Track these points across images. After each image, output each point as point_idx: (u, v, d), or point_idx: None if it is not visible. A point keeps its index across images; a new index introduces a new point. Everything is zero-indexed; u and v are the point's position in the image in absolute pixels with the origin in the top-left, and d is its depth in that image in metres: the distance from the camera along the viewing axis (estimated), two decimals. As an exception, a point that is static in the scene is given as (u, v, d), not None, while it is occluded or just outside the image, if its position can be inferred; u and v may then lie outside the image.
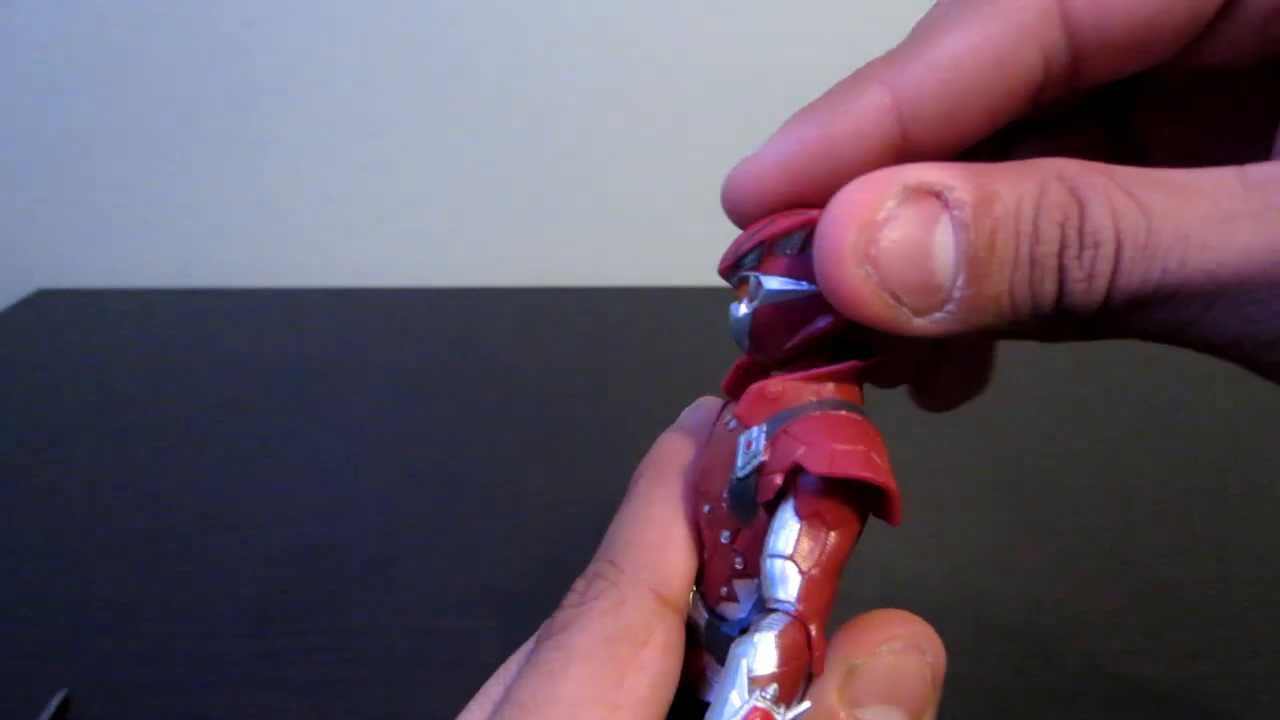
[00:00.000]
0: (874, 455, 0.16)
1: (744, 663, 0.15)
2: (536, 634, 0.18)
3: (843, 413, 0.17)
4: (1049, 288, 0.15)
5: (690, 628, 0.18)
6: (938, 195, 0.15)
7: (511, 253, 0.76)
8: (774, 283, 0.17)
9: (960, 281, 0.15)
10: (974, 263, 0.15)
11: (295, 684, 0.36)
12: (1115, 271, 0.14)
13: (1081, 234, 0.14)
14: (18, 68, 0.70)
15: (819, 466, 0.16)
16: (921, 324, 0.15)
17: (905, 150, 0.17)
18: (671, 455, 0.20)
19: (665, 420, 0.22)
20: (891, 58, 0.17)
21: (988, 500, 0.47)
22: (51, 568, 0.43)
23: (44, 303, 0.74)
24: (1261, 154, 0.17)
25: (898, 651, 0.16)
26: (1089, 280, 0.15)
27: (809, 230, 0.17)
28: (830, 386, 0.17)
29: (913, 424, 0.55)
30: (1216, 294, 0.14)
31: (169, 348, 0.66)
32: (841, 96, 0.17)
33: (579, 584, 0.18)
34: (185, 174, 0.73)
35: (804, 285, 0.17)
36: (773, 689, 0.15)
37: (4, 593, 0.42)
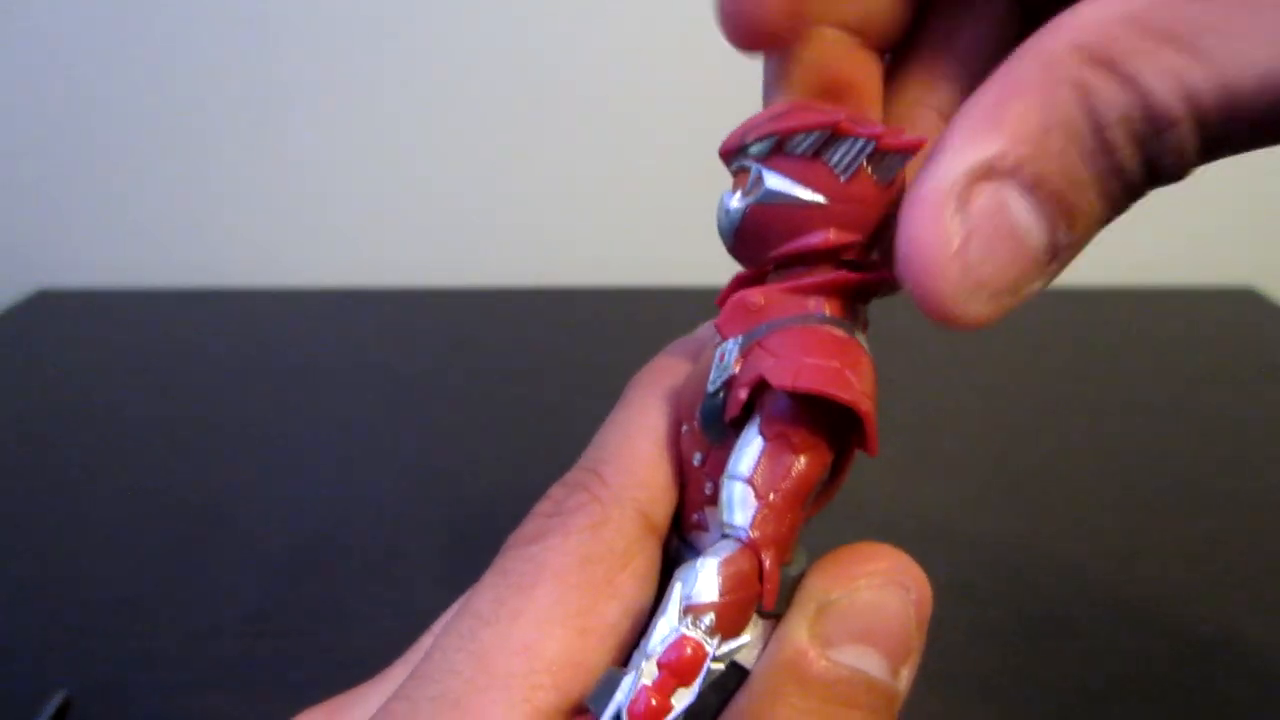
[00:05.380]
0: (849, 374, 0.14)
1: (679, 588, 0.14)
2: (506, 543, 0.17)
3: (826, 328, 0.15)
4: (1139, 177, 0.13)
5: (665, 556, 0.17)
6: (988, 174, 0.13)
7: (511, 253, 0.76)
8: (776, 181, 0.15)
9: (1062, 233, 0.14)
10: (1065, 211, 0.13)
11: (295, 684, 0.36)
12: (1202, 133, 0.13)
13: (1152, 118, 0.13)
14: (19, 67, 0.70)
15: (782, 379, 0.14)
16: (1043, 283, 0.14)
17: None
18: (670, 368, 0.18)
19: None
20: None
21: (988, 499, 0.47)
22: (52, 567, 0.43)
23: (45, 303, 0.74)
24: None
25: (877, 587, 0.15)
26: (1180, 154, 0.13)
27: (827, 134, 0.15)
28: (820, 300, 0.15)
29: (913, 424, 0.55)
30: None
31: (169, 347, 0.66)
32: None
33: (556, 491, 0.17)
34: (186, 174, 0.73)
35: (808, 193, 0.15)
36: (708, 619, 0.14)
37: (4, 593, 0.42)
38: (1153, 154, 0.13)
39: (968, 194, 0.13)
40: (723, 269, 0.17)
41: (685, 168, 0.71)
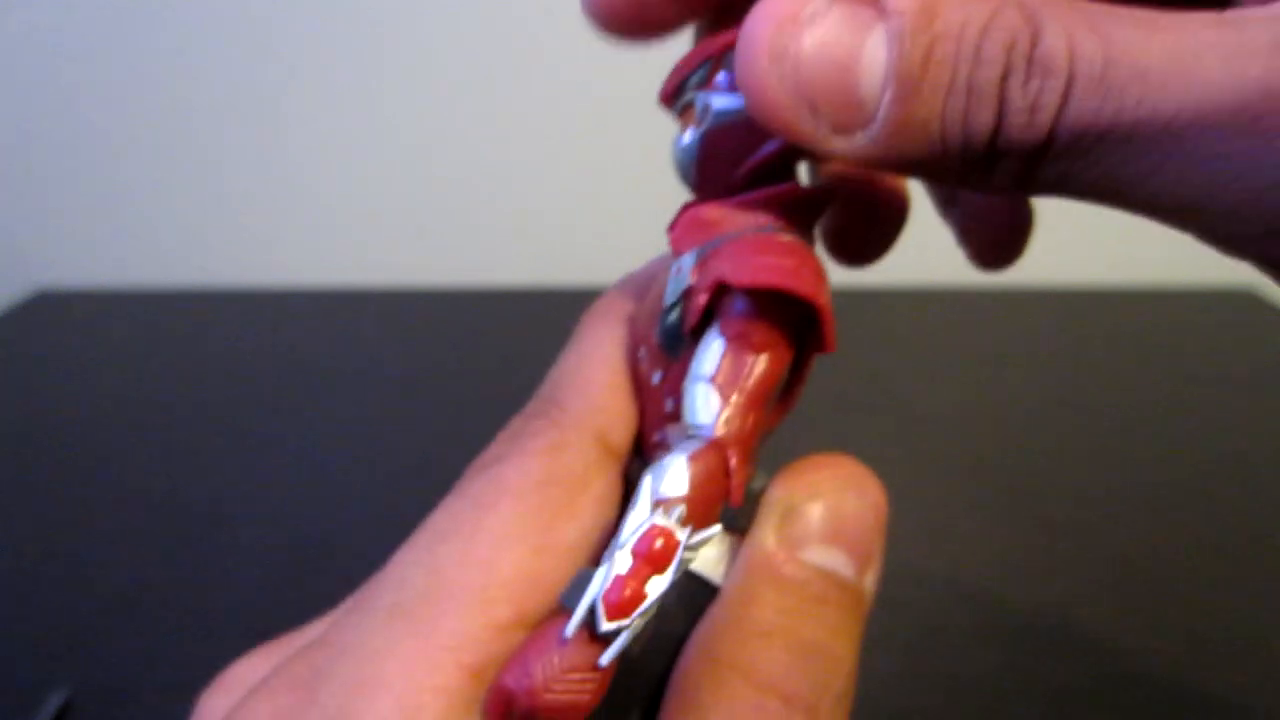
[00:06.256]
0: (803, 270, 0.15)
1: (649, 481, 0.14)
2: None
3: (780, 235, 0.16)
4: (985, 118, 0.13)
5: (625, 481, 0.17)
6: (871, 2, 0.14)
7: (511, 253, 0.76)
8: (722, 100, 0.16)
9: (887, 98, 0.13)
10: (904, 80, 0.13)
11: (295, 684, 0.36)
12: (1063, 105, 0.13)
13: (1030, 60, 0.13)
14: (19, 65, 0.70)
15: (740, 277, 0.15)
16: (840, 145, 0.14)
17: None
18: (622, 298, 0.18)
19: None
20: None
21: (988, 500, 0.47)
22: (51, 567, 0.43)
23: (45, 303, 0.74)
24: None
25: (836, 490, 0.15)
26: (1032, 113, 0.13)
27: None
28: (770, 213, 0.16)
29: (912, 424, 0.55)
30: (1175, 140, 0.13)
31: (169, 348, 0.66)
32: None
33: (515, 421, 0.17)
34: (185, 174, 0.73)
35: None
36: (679, 510, 0.14)
37: (4, 593, 0.42)
38: (1009, 98, 0.13)
39: None
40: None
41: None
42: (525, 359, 0.63)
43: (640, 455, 0.17)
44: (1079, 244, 0.72)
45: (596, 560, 0.15)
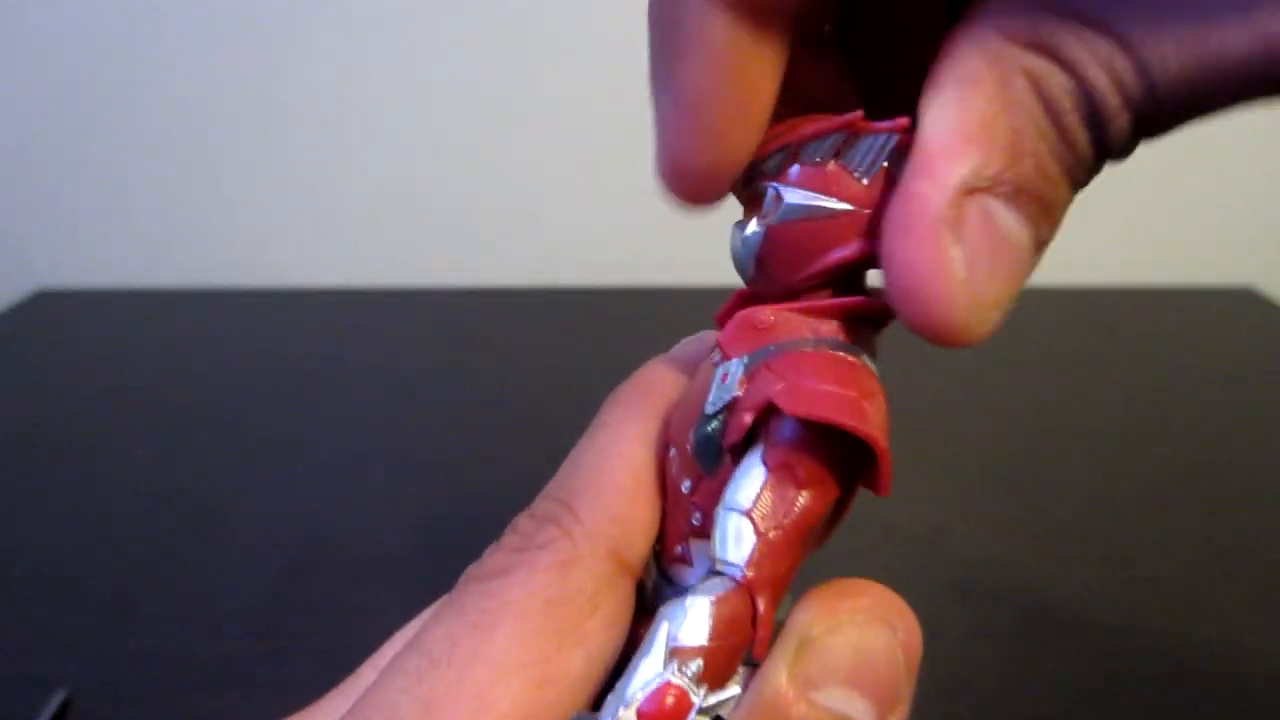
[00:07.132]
0: (865, 404, 0.13)
1: (667, 628, 0.13)
2: (464, 574, 0.15)
3: (840, 353, 0.14)
4: (1093, 158, 0.13)
5: (639, 590, 0.15)
6: (970, 190, 0.13)
7: (511, 253, 0.76)
8: (796, 196, 0.14)
9: (1045, 229, 0.13)
10: (1045, 209, 0.13)
11: (295, 684, 0.36)
12: (1135, 121, 0.13)
13: (1096, 108, 0.13)
14: (19, 65, 0.70)
15: (794, 406, 0.13)
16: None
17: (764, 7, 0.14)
18: (654, 386, 0.16)
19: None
20: None
21: (987, 499, 0.47)
22: (52, 567, 0.43)
23: (45, 303, 0.74)
24: None
25: (861, 624, 0.13)
26: (1122, 137, 0.13)
27: (844, 135, 0.14)
28: (834, 325, 0.14)
29: (911, 423, 0.55)
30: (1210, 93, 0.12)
31: (169, 347, 0.66)
32: (673, 38, 0.15)
33: (524, 523, 0.15)
34: (185, 174, 0.73)
35: (832, 202, 0.14)
36: (696, 665, 0.12)
37: (4, 592, 0.42)
38: (1099, 138, 0.13)
39: (958, 216, 0.13)
40: (723, 268, 0.17)
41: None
42: (525, 359, 0.64)
43: (658, 564, 0.15)
44: (1079, 244, 0.72)
45: (600, 695, 0.14)
